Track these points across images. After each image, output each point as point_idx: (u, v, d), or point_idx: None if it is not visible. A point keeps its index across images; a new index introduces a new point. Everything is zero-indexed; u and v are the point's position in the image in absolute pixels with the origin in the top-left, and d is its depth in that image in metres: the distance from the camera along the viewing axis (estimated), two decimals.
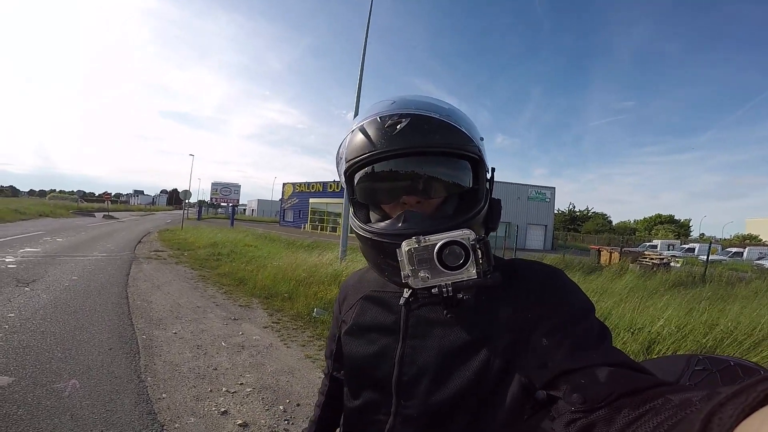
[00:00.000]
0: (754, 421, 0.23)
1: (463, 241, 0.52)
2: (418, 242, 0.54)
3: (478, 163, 0.66)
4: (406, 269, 0.54)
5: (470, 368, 0.59)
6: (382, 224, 0.66)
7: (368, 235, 0.65)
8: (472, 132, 0.65)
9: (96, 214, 37.91)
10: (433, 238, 0.53)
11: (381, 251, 0.63)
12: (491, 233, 0.71)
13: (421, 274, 0.53)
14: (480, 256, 0.52)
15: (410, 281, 0.54)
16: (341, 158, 0.70)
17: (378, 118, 0.63)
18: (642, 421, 0.37)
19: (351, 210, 0.72)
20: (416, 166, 0.63)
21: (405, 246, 0.54)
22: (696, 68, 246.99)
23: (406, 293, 0.66)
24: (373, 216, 0.70)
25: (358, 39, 10.50)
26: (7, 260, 8.22)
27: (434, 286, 0.53)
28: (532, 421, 0.52)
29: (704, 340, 4.12)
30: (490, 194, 0.70)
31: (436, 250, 0.52)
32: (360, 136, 0.65)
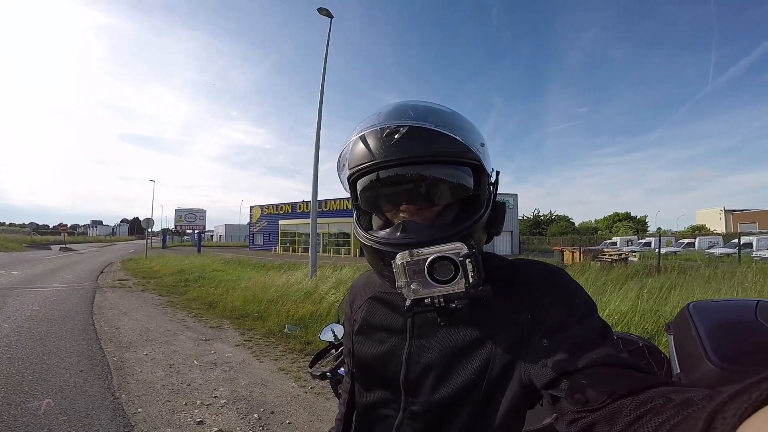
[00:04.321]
0: (757, 420, 0.24)
1: (453, 257, 0.54)
2: (411, 255, 0.55)
3: (477, 170, 0.67)
4: (399, 280, 0.56)
5: (472, 367, 0.61)
6: (382, 233, 0.67)
7: (369, 243, 0.67)
8: (469, 139, 0.65)
9: (52, 246, 36.12)
10: (425, 251, 0.55)
11: (381, 259, 0.65)
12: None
13: (413, 286, 0.55)
14: (471, 269, 0.53)
15: (403, 292, 0.56)
16: (344, 165, 0.71)
17: (378, 128, 0.65)
18: (643, 420, 0.38)
19: (354, 215, 0.75)
20: (414, 175, 0.64)
21: (399, 259, 0.56)
22: (639, 71, 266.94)
23: None
24: (375, 222, 0.72)
25: (323, 55, 10.92)
26: None
27: (426, 297, 0.55)
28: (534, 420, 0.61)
29: (648, 326, 4.57)
30: (494, 198, 0.71)
31: (426, 264, 0.54)
32: (360, 145, 0.66)
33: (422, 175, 0.64)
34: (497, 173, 0.73)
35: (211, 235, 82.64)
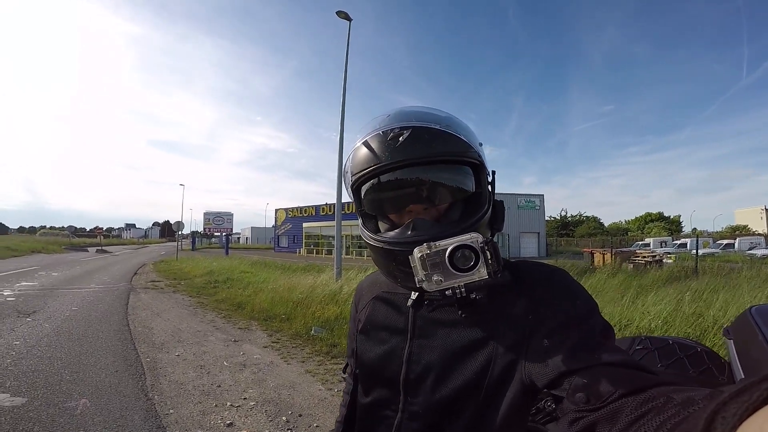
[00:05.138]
0: (757, 419, 0.24)
1: (473, 244, 0.55)
2: (430, 248, 0.56)
3: (479, 168, 0.69)
4: (419, 274, 0.56)
5: (472, 367, 0.61)
6: (392, 233, 0.68)
7: (380, 245, 0.67)
8: (470, 138, 0.68)
9: (89, 248, 37.74)
10: (443, 243, 0.56)
11: (393, 259, 0.65)
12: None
13: (435, 277, 0.56)
14: (489, 257, 0.54)
15: (425, 285, 0.56)
16: (347, 172, 0.72)
17: (381, 132, 0.66)
18: (645, 419, 0.38)
19: (360, 221, 0.75)
20: (420, 175, 0.65)
21: (417, 252, 0.57)
22: (665, 68, 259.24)
23: (414, 295, 0.69)
24: (381, 226, 0.72)
25: (342, 59, 10.97)
26: (5, 293, 8.35)
27: (448, 288, 0.56)
28: (535, 420, 0.59)
29: (690, 330, 4.33)
30: (493, 197, 0.72)
31: (447, 254, 0.55)
32: (364, 150, 0.67)
33: (428, 175, 0.65)
34: (494, 173, 0.74)
35: (238, 238, 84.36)
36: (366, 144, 0.67)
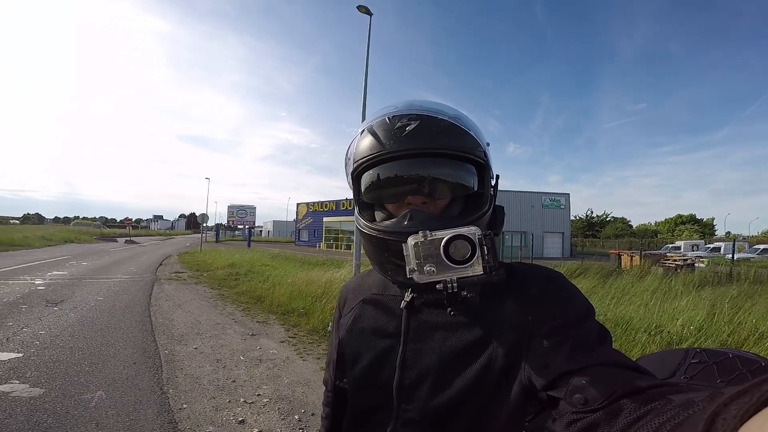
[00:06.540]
0: (757, 420, 0.23)
1: (470, 236, 0.53)
2: (425, 237, 0.54)
3: (483, 168, 0.67)
4: (411, 263, 0.54)
5: (471, 371, 0.59)
6: (388, 222, 0.66)
7: (374, 233, 0.65)
8: (479, 136, 0.66)
9: (118, 239, 39.07)
10: (439, 233, 0.54)
11: (386, 249, 0.64)
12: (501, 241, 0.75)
13: (427, 268, 0.53)
14: (486, 252, 0.52)
15: (415, 276, 0.54)
16: (349, 159, 0.70)
17: (387, 119, 0.64)
18: (643, 421, 0.37)
19: (356, 210, 0.73)
20: (423, 167, 0.63)
21: (411, 240, 0.54)
22: (701, 66, 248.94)
23: (408, 296, 0.66)
24: (378, 216, 0.71)
25: (363, 56, 10.91)
26: (36, 282, 8.63)
27: (439, 281, 0.53)
28: (534, 423, 0.53)
29: (727, 339, 4.05)
30: (494, 200, 0.71)
31: (443, 243, 0.53)
32: (369, 137, 0.65)
33: (432, 168, 0.64)
34: (497, 176, 0.72)
35: (260, 231, 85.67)
36: (371, 130, 0.65)
